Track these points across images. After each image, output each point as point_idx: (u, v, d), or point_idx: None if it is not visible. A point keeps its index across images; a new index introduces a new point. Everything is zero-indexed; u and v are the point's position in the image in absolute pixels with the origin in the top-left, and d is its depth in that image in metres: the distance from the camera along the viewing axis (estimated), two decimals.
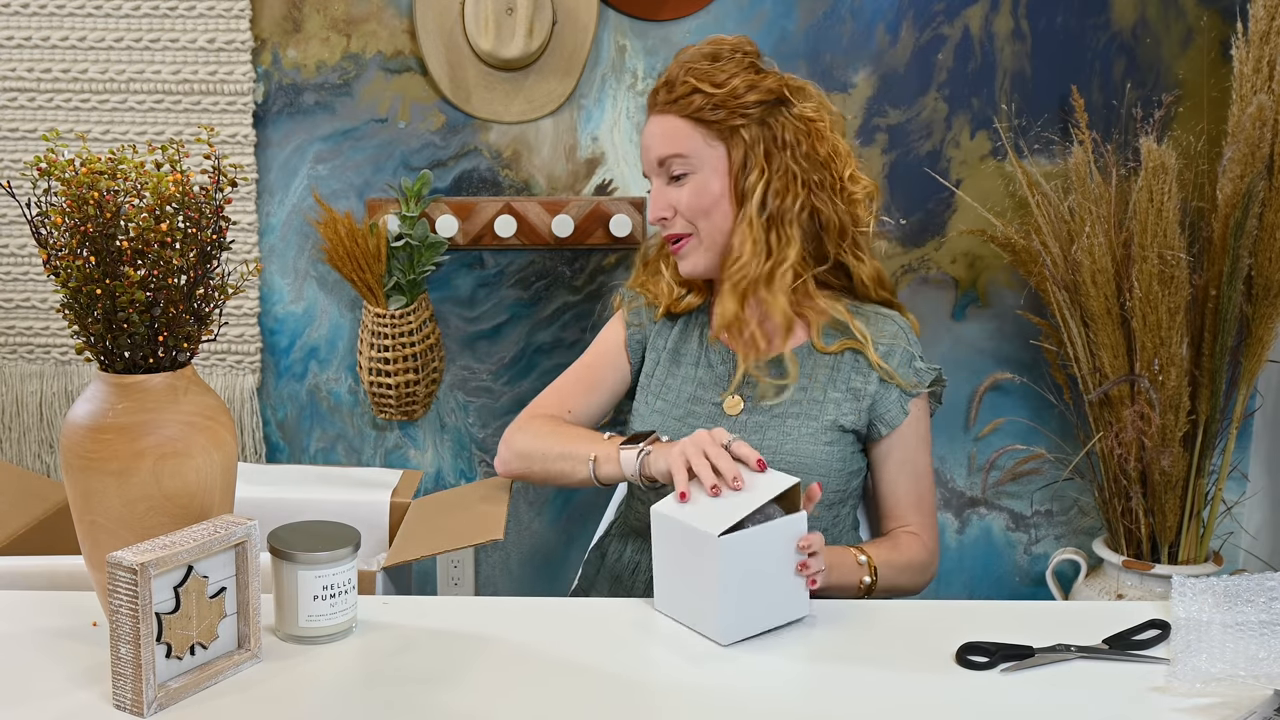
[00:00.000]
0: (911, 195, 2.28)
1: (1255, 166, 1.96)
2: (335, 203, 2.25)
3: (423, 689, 1.15)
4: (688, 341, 1.70)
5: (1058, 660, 1.21)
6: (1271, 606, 1.28)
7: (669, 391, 1.67)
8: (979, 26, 2.23)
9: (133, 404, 1.18)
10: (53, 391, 2.29)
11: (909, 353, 1.62)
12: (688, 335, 1.71)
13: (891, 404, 1.60)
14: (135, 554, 1.08)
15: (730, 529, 1.24)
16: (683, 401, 1.66)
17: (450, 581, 2.39)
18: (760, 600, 1.26)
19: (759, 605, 1.27)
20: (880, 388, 1.60)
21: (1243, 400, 2.13)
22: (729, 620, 1.24)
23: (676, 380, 1.68)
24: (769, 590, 1.27)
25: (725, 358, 1.66)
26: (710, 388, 1.66)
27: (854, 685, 1.18)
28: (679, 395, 1.66)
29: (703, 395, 1.65)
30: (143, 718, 1.08)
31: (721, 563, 1.22)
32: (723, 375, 1.66)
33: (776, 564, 1.27)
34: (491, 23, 2.13)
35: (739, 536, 1.24)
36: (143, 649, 1.08)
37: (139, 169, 1.20)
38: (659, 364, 1.70)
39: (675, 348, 1.70)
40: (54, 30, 2.18)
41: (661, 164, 1.62)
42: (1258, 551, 2.35)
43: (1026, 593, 2.39)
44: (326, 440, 2.35)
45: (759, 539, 1.26)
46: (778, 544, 1.28)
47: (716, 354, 1.67)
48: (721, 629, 1.24)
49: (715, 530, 1.23)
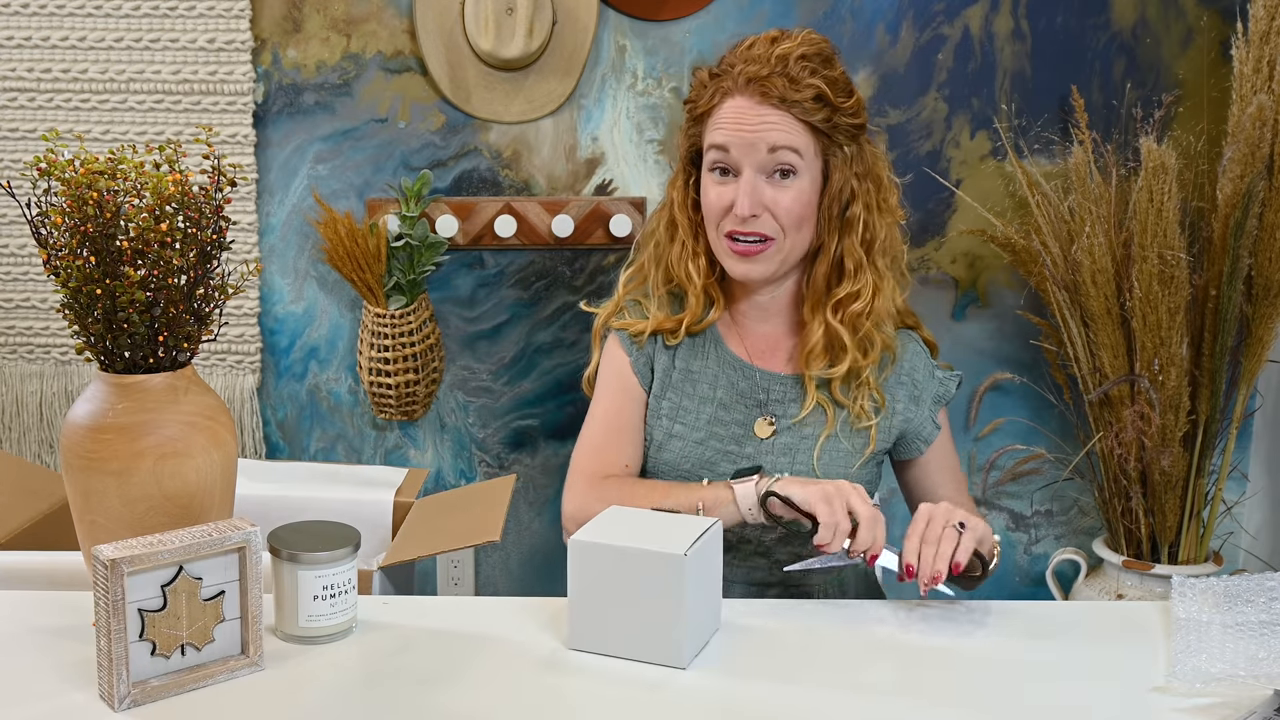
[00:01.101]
0: (911, 195, 2.28)
1: (1255, 166, 1.96)
2: (335, 203, 2.25)
3: (423, 689, 1.15)
4: (701, 358, 1.61)
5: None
6: (1271, 606, 1.28)
7: (686, 414, 1.59)
8: (979, 26, 2.23)
9: (133, 404, 1.18)
10: (53, 391, 2.29)
11: (929, 365, 1.64)
12: (699, 353, 1.62)
13: (925, 421, 1.62)
14: (114, 549, 1.08)
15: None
16: (703, 424, 1.58)
17: (450, 581, 2.39)
18: (702, 616, 1.23)
19: (701, 621, 1.23)
20: (910, 405, 1.61)
21: (1243, 400, 2.13)
22: (690, 641, 1.20)
23: (693, 402, 1.59)
24: (706, 604, 1.24)
25: (748, 374, 1.60)
26: (732, 407, 1.59)
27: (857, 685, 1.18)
28: (698, 418, 1.58)
29: (724, 416, 1.58)
30: (114, 711, 1.08)
31: (689, 580, 1.18)
32: (746, 392, 1.59)
33: (711, 576, 1.25)
34: (491, 23, 2.13)
35: (698, 550, 1.20)
36: (114, 643, 1.08)
37: (139, 169, 1.20)
38: (669, 386, 1.60)
39: (686, 367, 1.61)
40: (54, 30, 2.18)
41: (773, 152, 1.50)
42: (1258, 551, 2.35)
43: (1026, 593, 2.39)
44: (326, 440, 2.35)
45: (707, 550, 1.22)
46: (714, 555, 1.25)
47: (737, 370, 1.60)
48: (682, 652, 1.19)
49: (680, 549, 1.18)
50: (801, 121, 1.49)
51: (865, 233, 1.55)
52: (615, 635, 1.21)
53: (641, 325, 1.61)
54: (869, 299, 1.55)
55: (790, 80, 1.48)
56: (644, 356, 1.62)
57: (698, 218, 1.60)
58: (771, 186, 1.51)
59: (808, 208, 1.53)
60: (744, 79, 1.50)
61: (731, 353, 1.61)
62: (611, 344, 1.64)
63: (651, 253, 1.65)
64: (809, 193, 1.52)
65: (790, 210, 1.51)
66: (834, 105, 1.51)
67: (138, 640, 1.11)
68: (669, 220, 1.63)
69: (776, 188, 1.51)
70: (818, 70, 1.50)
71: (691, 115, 1.59)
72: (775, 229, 1.52)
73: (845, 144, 1.53)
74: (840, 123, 1.52)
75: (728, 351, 1.61)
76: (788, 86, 1.48)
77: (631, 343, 1.62)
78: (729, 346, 1.62)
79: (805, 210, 1.52)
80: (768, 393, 1.59)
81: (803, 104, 1.49)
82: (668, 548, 1.18)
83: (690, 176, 1.62)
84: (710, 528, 1.24)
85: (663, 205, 1.66)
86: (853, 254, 1.55)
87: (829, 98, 1.50)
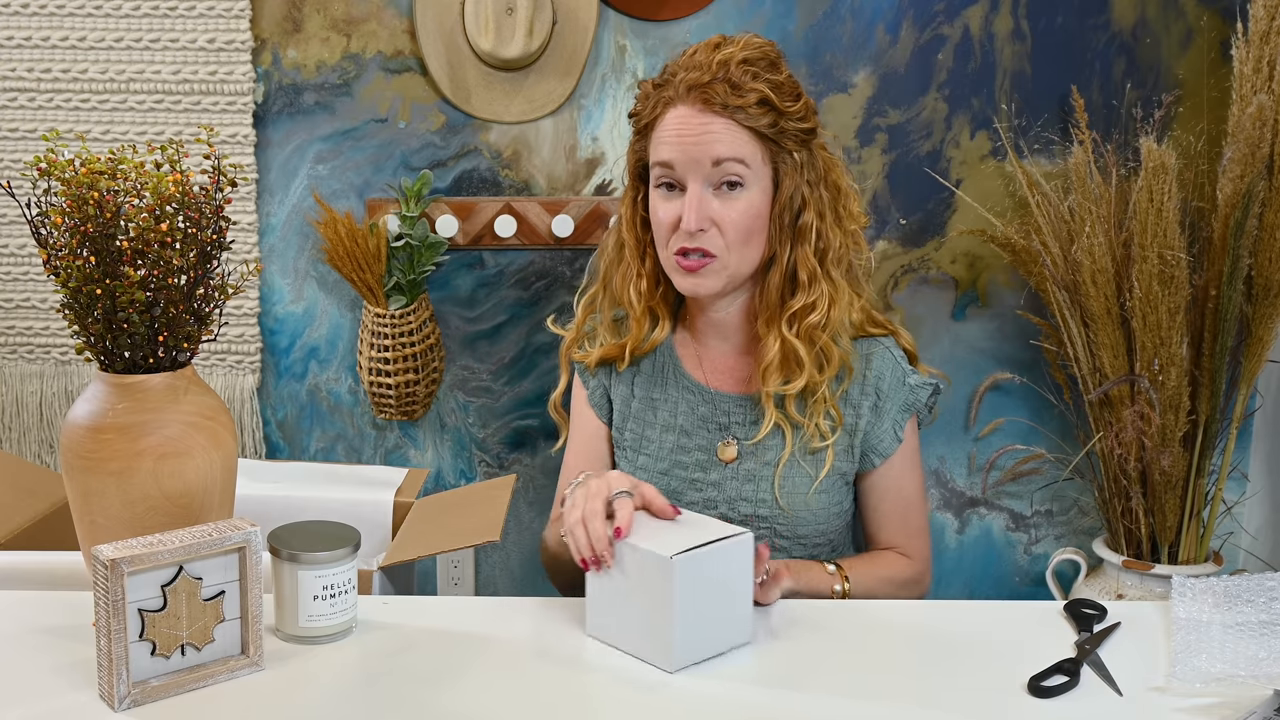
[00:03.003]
0: (911, 195, 2.28)
1: (1255, 166, 1.96)
2: (335, 203, 2.25)
3: (423, 689, 1.15)
4: (660, 386, 1.57)
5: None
6: (1271, 606, 1.28)
7: (649, 445, 1.56)
8: (979, 26, 2.23)
9: (133, 404, 1.18)
10: (53, 391, 2.29)
11: (899, 372, 1.55)
12: (659, 380, 1.58)
13: (884, 433, 1.54)
14: (114, 549, 1.08)
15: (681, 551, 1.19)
16: (666, 453, 1.55)
17: (450, 581, 2.39)
18: (708, 625, 1.21)
19: (706, 630, 1.21)
20: (872, 416, 1.53)
21: (1243, 400, 2.13)
22: (679, 646, 1.19)
23: (655, 431, 1.56)
24: (716, 614, 1.22)
25: (707, 397, 1.55)
26: (694, 434, 1.54)
27: (861, 686, 1.18)
28: (660, 447, 1.55)
29: (687, 443, 1.54)
30: (114, 711, 1.08)
31: (678, 585, 1.17)
32: (708, 416, 1.54)
33: (724, 588, 1.22)
34: (491, 23, 2.13)
35: (693, 556, 1.18)
36: (114, 643, 1.08)
37: (139, 169, 1.20)
38: (630, 416, 1.58)
39: (647, 395, 1.57)
40: (54, 30, 2.18)
41: (718, 165, 1.44)
42: (1258, 551, 2.35)
43: (1026, 593, 2.39)
44: (326, 440, 2.35)
45: (711, 560, 1.20)
46: (727, 566, 1.22)
47: (696, 395, 1.56)
48: (669, 656, 1.19)
49: (669, 552, 1.17)
50: (746, 128, 1.44)
51: (819, 242, 1.49)
52: (621, 630, 1.23)
53: (591, 355, 1.59)
54: (824, 310, 1.48)
55: (732, 86, 1.43)
56: (600, 387, 1.61)
57: (647, 236, 1.55)
58: (719, 199, 1.46)
59: (757, 220, 1.47)
60: (685, 86, 1.44)
61: (689, 377, 1.57)
62: (577, 383, 1.64)
63: (603, 274, 1.61)
64: (759, 204, 1.46)
65: (737, 224, 1.45)
66: (779, 110, 1.45)
67: (138, 640, 1.11)
68: (618, 239, 1.59)
69: (724, 200, 1.46)
70: (760, 74, 1.44)
71: (636, 128, 1.53)
72: (720, 245, 1.46)
73: (794, 150, 1.47)
74: (787, 128, 1.46)
75: (686, 376, 1.57)
76: (729, 92, 1.43)
77: (587, 374, 1.61)
78: (687, 370, 1.58)
79: (754, 223, 1.46)
80: (729, 415, 1.54)
81: (746, 109, 1.43)
82: (663, 549, 1.18)
83: (639, 193, 1.56)
84: (731, 537, 1.21)
85: (615, 224, 1.62)
86: (806, 264, 1.49)
87: (774, 102, 1.44)
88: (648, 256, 1.55)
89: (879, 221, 2.29)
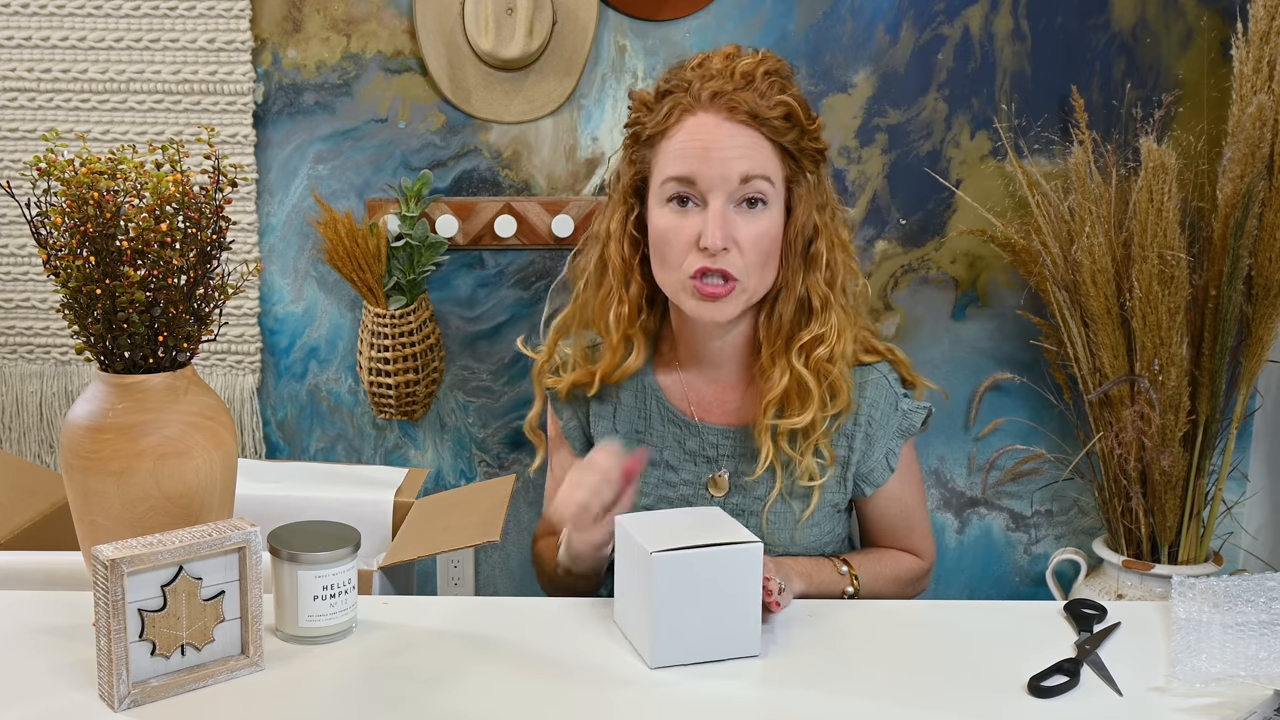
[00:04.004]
0: (911, 195, 2.28)
1: (1255, 166, 1.96)
2: (335, 203, 2.25)
3: (423, 689, 1.15)
4: (643, 418, 1.49)
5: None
6: (1271, 606, 1.28)
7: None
8: (979, 26, 2.23)
9: (133, 404, 1.18)
10: (53, 391, 2.29)
11: (891, 398, 1.48)
12: (641, 411, 1.50)
13: (876, 463, 1.48)
14: (114, 549, 1.08)
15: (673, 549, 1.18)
16: (650, 488, 1.48)
17: (450, 581, 2.39)
18: (700, 628, 1.19)
19: (698, 633, 1.19)
20: (864, 447, 1.46)
21: (1243, 400, 2.13)
22: (661, 643, 1.18)
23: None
24: (711, 619, 1.20)
25: (694, 430, 1.48)
26: (681, 468, 1.48)
27: (864, 686, 1.18)
28: (644, 482, 1.48)
29: (673, 478, 1.48)
30: (114, 711, 1.08)
31: (656, 581, 1.17)
32: (695, 450, 1.47)
33: (722, 594, 1.19)
34: (491, 23, 2.13)
35: (678, 556, 1.17)
36: (114, 643, 1.08)
37: (139, 169, 1.20)
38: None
39: (631, 429, 1.49)
40: (54, 30, 2.18)
41: (746, 182, 1.35)
42: (1258, 551, 2.35)
43: (1026, 593, 2.39)
44: (326, 440, 2.35)
45: (701, 563, 1.18)
46: (724, 572, 1.18)
47: (682, 428, 1.48)
48: (652, 651, 1.18)
49: (652, 548, 1.17)
50: (772, 143, 1.36)
51: (828, 270, 1.42)
52: (624, 617, 1.26)
53: (563, 381, 1.52)
54: (834, 341, 1.41)
55: (760, 95, 1.35)
56: (574, 420, 1.54)
57: (635, 259, 1.45)
58: (740, 217, 1.36)
59: (775, 242, 1.38)
60: (708, 94, 1.35)
61: (674, 410, 1.49)
62: (551, 414, 1.58)
63: (578, 296, 1.51)
64: (778, 225, 1.39)
65: (759, 245, 1.36)
66: (803, 126, 1.38)
67: (138, 640, 1.11)
68: (599, 259, 1.48)
69: (746, 218, 1.36)
70: (786, 88, 1.38)
71: (637, 139, 1.42)
72: (740, 267, 1.36)
73: (809, 170, 1.41)
74: (807, 146, 1.40)
75: (671, 409, 1.49)
76: (758, 101, 1.35)
77: (560, 403, 1.55)
78: (672, 403, 1.49)
79: (773, 245, 1.38)
80: (718, 449, 1.47)
81: (773, 122, 1.35)
82: (650, 544, 1.18)
83: (631, 210, 1.45)
84: (733, 544, 1.19)
85: (593, 242, 1.50)
86: (818, 291, 1.41)
87: (798, 117, 1.37)
88: (633, 281, 1.45)
89: (879, 221, 2.29)
